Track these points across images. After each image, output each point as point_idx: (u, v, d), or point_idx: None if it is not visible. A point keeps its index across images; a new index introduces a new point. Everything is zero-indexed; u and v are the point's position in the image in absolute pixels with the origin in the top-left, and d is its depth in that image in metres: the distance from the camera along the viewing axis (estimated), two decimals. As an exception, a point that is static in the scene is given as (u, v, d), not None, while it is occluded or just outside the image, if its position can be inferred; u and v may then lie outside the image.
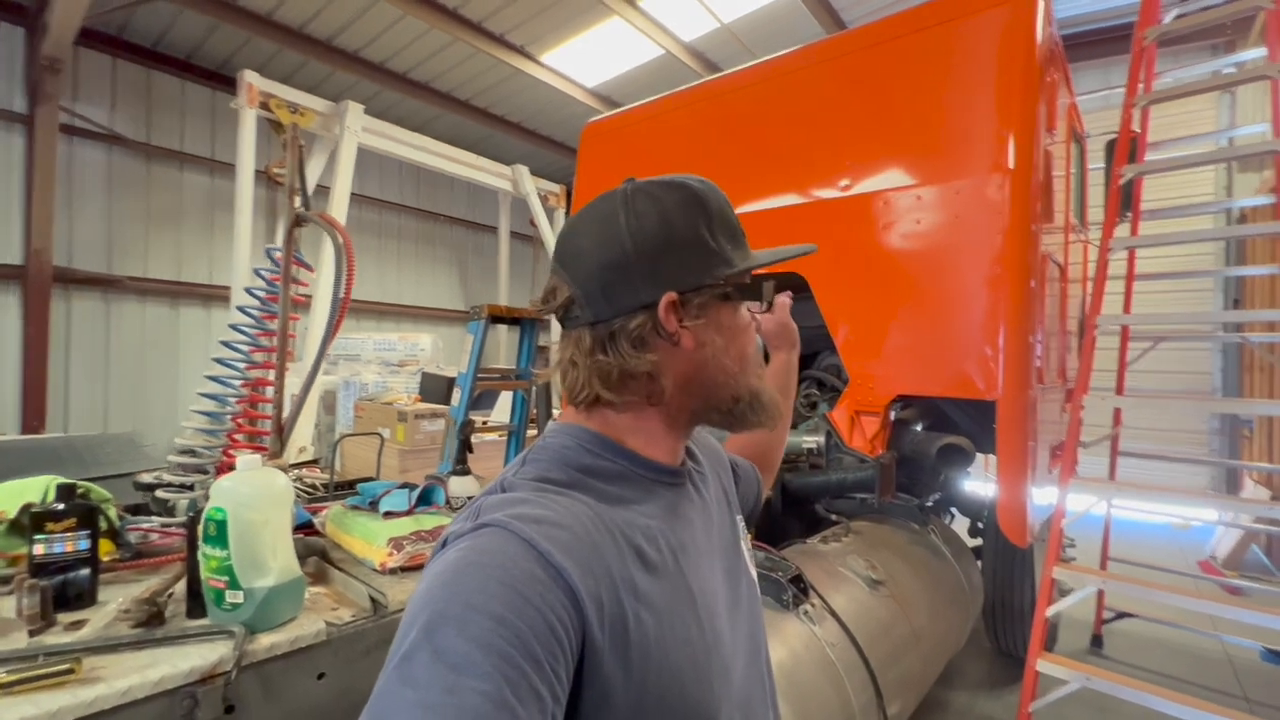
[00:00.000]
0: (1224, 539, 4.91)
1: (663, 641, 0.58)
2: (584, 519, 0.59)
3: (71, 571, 1.25)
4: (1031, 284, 2.41)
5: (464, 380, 3.16)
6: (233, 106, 6.32)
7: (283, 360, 1.57)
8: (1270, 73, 2.36)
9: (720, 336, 0.68)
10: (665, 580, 0.61)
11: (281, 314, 1.56)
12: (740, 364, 0.70)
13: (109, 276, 7.08)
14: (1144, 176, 2.77)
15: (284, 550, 1.24)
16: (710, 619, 0.65)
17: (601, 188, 3.24)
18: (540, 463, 0.66)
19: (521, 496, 0.60)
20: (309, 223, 1.55)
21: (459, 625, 0.48)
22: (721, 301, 0.68)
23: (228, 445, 1.56)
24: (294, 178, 1.52)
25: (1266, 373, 5.08)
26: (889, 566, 2.17)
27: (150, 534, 1.58)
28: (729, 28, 6.77)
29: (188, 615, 1.24)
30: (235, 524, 1.15)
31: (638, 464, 0.68)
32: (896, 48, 2.77)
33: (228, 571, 1.16)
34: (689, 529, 0.70)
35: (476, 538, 0.55)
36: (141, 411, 7.40)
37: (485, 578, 0.51)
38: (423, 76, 8.13)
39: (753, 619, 0.76)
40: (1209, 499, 4.45)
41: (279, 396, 1.55)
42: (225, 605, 1.17)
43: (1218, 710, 2.03)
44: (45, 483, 1.43)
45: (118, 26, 7.02)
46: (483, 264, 11.36)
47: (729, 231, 0.69)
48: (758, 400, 0.70)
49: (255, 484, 1.20)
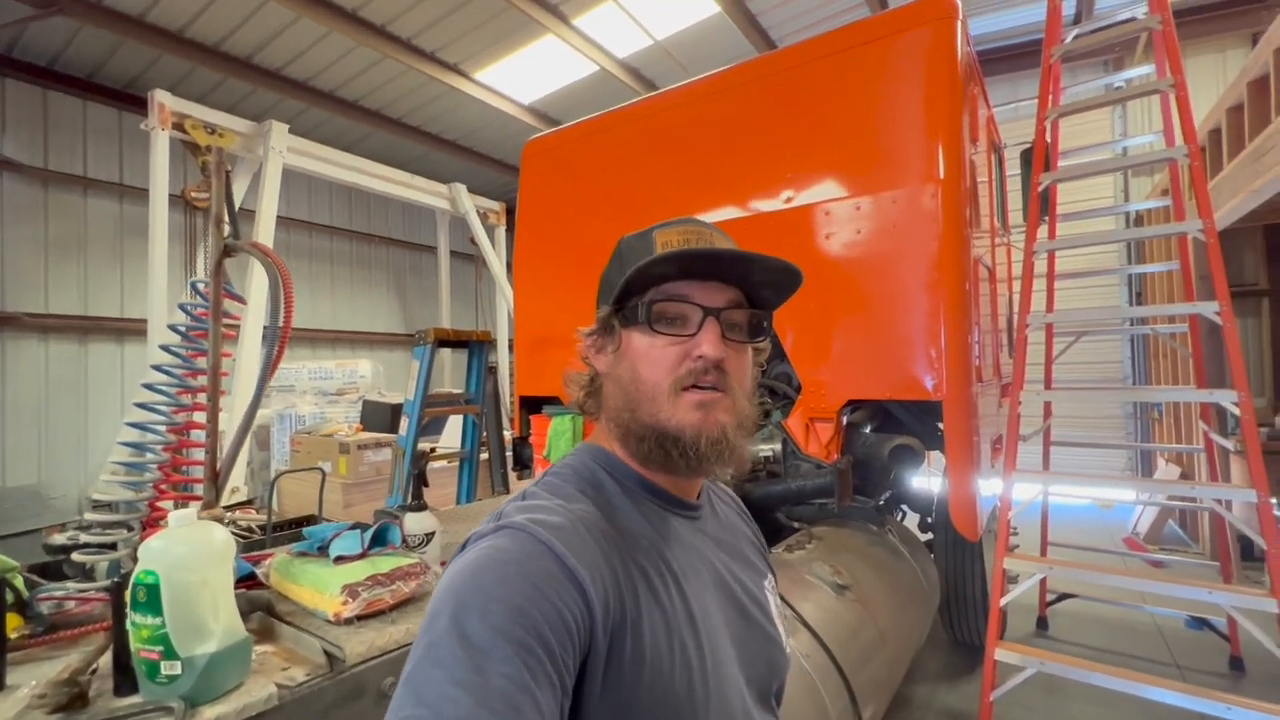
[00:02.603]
0: (1144, 516, 5.28)
1: (659, 658, 0.59)
2: (595, 530, 0.62)
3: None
4: (967, 287, 2.53)
5: (411, 408, 3.05)
6: (143, 128, 5.93)
7: (214, 401, 1.45)
8: (1161, 87, 2.58)
9: (624, 361, 0.70)
10: (665, 599, 0.63)
11: (212, 350, 1.44)
12: (634, 388, 0.68)
13: (2, 314, 6.47)
14: (1058, 183, 2.96)
15: (226, 611, 1.13)
16: (712, 648, 0.65)
17: (544, 204, 3.25)
18: (559, 476, 0.71)
19: (540, 504, 0.64)
20: (239, 252, 1.44)
21: (481, 614, 0.51)
22: (624, 327, 0.71)
23: (154, 497, 1.42)
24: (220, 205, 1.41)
25: (1170, 359, 5.53)
26: (853, 570, 2.21)
27: (65, 602, 1.42)
28: (662, 45, 6.89)
29: (115, 693, 1.11)
30: (169, 587, 1.04)
31: (644, 487, 0.71)
32: (827, 65, 2.87)
33: (162, 640, 1.04)
34: (695, 559, 0.71)
35: (497, 538, 0.58)
36: (46, 461, 6.75)
37: (505, 573, 0.54)
38: (350, 95, 7.88)
39: (767, 673, 0.74)
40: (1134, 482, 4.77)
41: (212, 440, 1.43)
42: (160, 678, 1.05)
43: (1155, 682, 2.15)
44: (-62, 556, 1.26)
45: (6, 44, 6.49)
46: (421, 284, 11.05)
47: (625, 266, 0.70)
48: (665, 435, 0.66)
49: (191, 541, 1.09)
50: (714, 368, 0.66)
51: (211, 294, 1.43)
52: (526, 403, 3.91)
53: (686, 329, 0.68)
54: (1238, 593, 2.18)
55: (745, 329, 0.72)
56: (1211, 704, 2.00)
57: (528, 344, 3.90)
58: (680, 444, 0.65)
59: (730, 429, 0.67)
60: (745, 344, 0.72)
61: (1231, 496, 2.48)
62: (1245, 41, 6.43)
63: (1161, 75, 2.74)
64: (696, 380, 0.66)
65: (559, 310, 3.74)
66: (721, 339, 0.68)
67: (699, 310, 0.68)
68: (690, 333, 0.68)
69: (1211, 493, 2.71)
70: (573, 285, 3.68)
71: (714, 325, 0.67)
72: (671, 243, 0.70)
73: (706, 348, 0.66)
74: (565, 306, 3.67)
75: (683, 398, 0.66)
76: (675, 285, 0.68)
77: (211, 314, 1.43)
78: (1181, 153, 2.52)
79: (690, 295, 0.68)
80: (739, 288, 0.71)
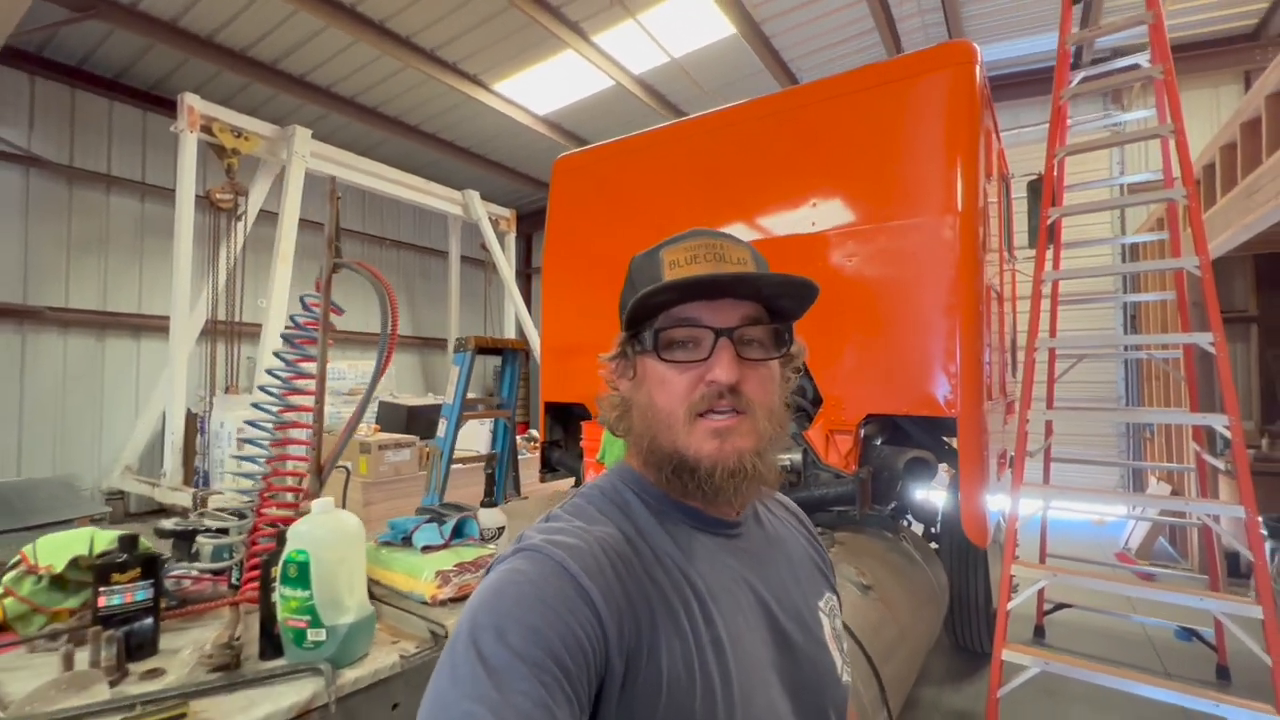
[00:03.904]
0: (1135, 532, 5.49)
1: (676, 684, 0.58)
2: (612, 552, 0.61)
3: (135, 621, 1.25)
4: (981, 311, 2.72)
5: (450, 411, 3.20)
6: (173, 130, 6.10)
7: (320, 402, 1.61)
8: (1163, 132, 2.80)
9: (642, 387, 0.69)
10: (686, 623, 0.62)
11: (320, 357, 1.60)
12: (652, 415, 0.67)
13: (25, 307, 6.57)
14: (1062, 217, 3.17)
15: (359, 587, 1.29)
16: (742, 674, 0.63)
17: (573, 218, 3.49)
18: (585, 498, 0.71)
19: (559, 526, 0.64)
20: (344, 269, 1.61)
21: (498, 634, 0.52)
22: (637, 354, 0.70)
23: (264, 489, 1.58)
24: (332, 227, 1.58)
25: (1162, 381, 5.76)
26: (874, 572, 2.38)
27: (182, 581, 1.57)
28: (678, 62, 7.10)
29: (260, 656, 1.27)
30: (317, 565, 1.21)
31: (674, 506, 0.70)
32: (852, 101, 3.07)
33: (310, 611, 1.21)
34: (729, 579, 0.69)
35: (515, 560, 0.60)
36: (63, 452, 6.85)
37: (521, 594, 0.55)
38: (370, 101, 8.05)
39: (817, 701, 0.71)
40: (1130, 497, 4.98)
41: (317, 437, 1.59)
42: (307, 644, 1.22)
43: (1151, 681, 2.34)
44: (87, 535, 1.41)
45: (37, 45, 6.62)
46: (430, 289, 11.19)
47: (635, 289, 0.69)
48: (683, 463, 0.65)
49: (331, 525, 1.26)
50: (729, 391, 0.64)
51: (321, 306, 1.59)
52: (552, 409, 4.07)
53: (698, 353, 0.66)
54: (1227, 600, 2.37)
55: (766, 344, 0.69)
56: (1203, 702, 2.19)
57: (554, 352, 4.06)
58: (697, 475, 0.64)
59: (749, 455, 0.65)
60: (766, 360, 0.68)
61: (1221, 512, 2.68)
62: (1238, 79, 6.72)
63: (1162, 120, 2.96)
64: (712, 405, 0.64)
65: (585, 321, 3.89)
66: (736, 360, 0.65)
67: (710, 333, 0.65)
68: (702, 357, 0.65)
69: (1203, 508, 2.91)
70: (598, 297, 3.84)
71: (727, 347, 0.65)
72: (679, 261, 0.68)
73: (719, 372, 0.64)
74: (591, 317, 3.82)
75: (698, 425, 0.64)
76: (684, 308, 0.66)
77: (320, 324, 1.59)
78: (1180, 194, 2.73)
79: (700, 318, 0.66)
80: (754, 301, 0.68)
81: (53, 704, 1.04)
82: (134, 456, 6.79)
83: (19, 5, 4.82)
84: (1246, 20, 6.45)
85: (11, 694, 1.09)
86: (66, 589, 1.37)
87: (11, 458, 6.52)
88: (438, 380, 10.90)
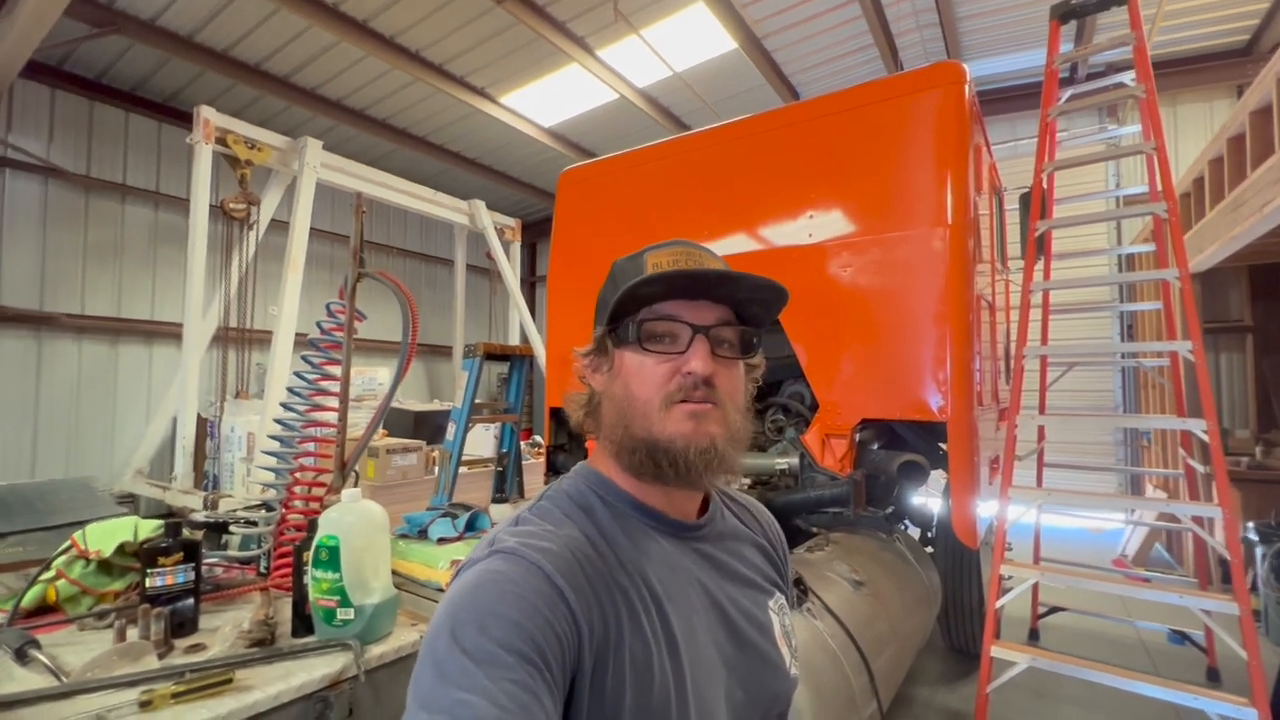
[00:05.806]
0: (1132, 539, 5.56)
1: (640, 681, 0.61)
2: (580, 554, 0.65)
3: (178, 601, 1.36)
4: (971, 320, 2.83)
5: (459, 415, 3.31)
6: (188, 142, 6.25)
7: (345, 403, 1.72)
8: (1145, 149, 2.92)
9: (618, 379, 0.73)
10: (645, 622, 0.65)
11: (345, 361, 1.72)
12: (628, 404, 0.71)
13: (42, 313, 6.73)
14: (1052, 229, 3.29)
15: (384, 571, 1.40)
16: (695, 671, 0.67)
17: (578, 229, 3.67)
18: (551, 500, 0.74)
19: (530, 530, 0.67)
20: (367, 278, 1.73)
21: (480, 629, 0.54)
22: (617, 346, 0.74)
23: (292, 483, 1.69)
24: (357, 239, 1.70)
25: (1158, 390, 5.85)
26: (867, 570, 2.48)
27: (215, 569, 1.68)
28: (681, 76, 7.25)
29: (293, 634, 1.38)
30: (346, 549, 1.32)
31: (635, 508, 0.73)
32: (848, 118, 3.19)
33: (339, 592, 1.31)
34: (684, 580, 0.72)
35: (491, 561, 0.62)
36: (76, 455, 6.99)
37: (501, 591, 0.58)
38: (380, 113, 8.24)
39: (764, 696, 0.75)
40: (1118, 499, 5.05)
41: (342, 436, 1.71)
42: (336, 622, 1.32)
43: (1139, 677, 2.43)
44: (132, 523, 1.52)
45: (58, 59, 6.82)
46: (435, 297, 11.34)
47: (617, 287, 0.73)
48: (656, 446, 0.68)
49: (359, 513, 1.37)
50: (703, 383, 0.69)
51: (346, 314, 1.71)
52: (557, 414, 4.19)
53: (676, 346, 0.70)
54: (1206, 597, 2.46)
55: (735, 345, 0.74)
56: (1184, 695, 2.27)
57: (559, 359, 4.18)
58: (670, 453, 0.67)
59: (720, 440, 0.69)
60: (735, 360, 0.74)
61: (1198, 513, 2.77)
62: (1230, 93, 6.85)
63: (1147, 138, 3.07)
64: (687, 395, 0.69)
65: (589, 329, 3.99)
66: (711, 355, 0.70)
67: (688, 328, 0.70)
68: (680, 350, 0.70)
69: (1185, 509, 3.00)
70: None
71: (703, 342, 0.70)
72: (662, 263, 0.72)
73: (696, 363, 0.68)
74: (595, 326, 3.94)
75: (675, 409, 0.68)
76: (665, 305, 0.71)
77: (346, 330, 1.71)
78: (1162, 208, 2.85)
79: (679, 314, 0.71)
80: (728, 305, 0.73)
81: (110, 670, 1.15)
82: (145, 460, 6.91)
83: (43, 24, 5.01)
84: (1239, 36, 6.59)
85: (70, 663, 1.20)
86: (113, 573, 1.49)
87: (26, 459, 6.67)
88: (442, 387, 11.03)
